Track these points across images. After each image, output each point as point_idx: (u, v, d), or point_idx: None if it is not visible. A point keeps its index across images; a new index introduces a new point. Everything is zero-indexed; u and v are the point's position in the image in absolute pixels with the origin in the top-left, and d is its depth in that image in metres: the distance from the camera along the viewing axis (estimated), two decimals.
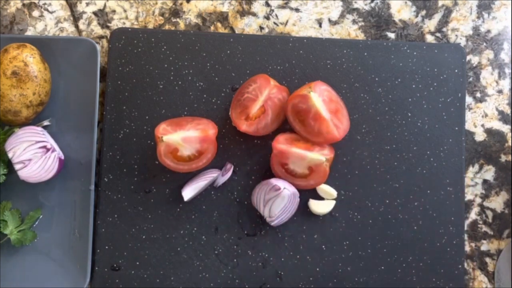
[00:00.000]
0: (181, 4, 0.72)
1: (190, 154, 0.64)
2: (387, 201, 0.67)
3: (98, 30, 0.71)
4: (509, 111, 0.71)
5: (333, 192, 0.66)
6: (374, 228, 0.66)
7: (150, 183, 0.67)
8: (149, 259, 0.66)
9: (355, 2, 0.72)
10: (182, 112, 0.68)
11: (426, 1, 0.72)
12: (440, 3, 0.72)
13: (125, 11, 0.72)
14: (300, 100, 0.63)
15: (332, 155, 0.64)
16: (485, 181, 0.70)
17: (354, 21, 0.72)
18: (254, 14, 0.72)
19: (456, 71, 0.69)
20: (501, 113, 0.71)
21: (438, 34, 0.72)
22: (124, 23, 0.71)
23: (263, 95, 0.64)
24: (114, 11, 0.72)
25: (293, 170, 0.64)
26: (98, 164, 0.67)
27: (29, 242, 0.65)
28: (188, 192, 0.65)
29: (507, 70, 0.71)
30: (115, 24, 0.71)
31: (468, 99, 0.71)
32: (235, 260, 0.66)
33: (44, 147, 0.63)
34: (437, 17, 0.72)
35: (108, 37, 0.71)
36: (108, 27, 0.71)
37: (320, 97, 0.62)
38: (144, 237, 0.66)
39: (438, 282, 0.66)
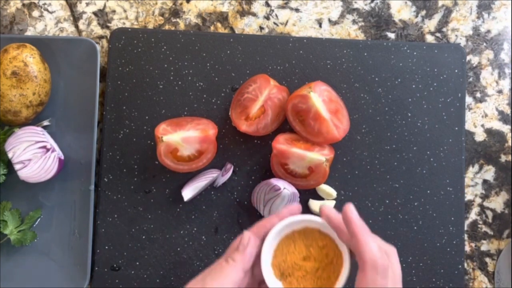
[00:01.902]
0: (181, 4, 0.72)
1: (190, 154, 0.64)
2: (387, 201, 0.67)
3: (98, 30, 0.71)
4: (509, 111, 0.71)
5: (333, 192, 0.66)
6: (374, 228, 0.66)
7: (150, 183, 0.67)
8: (149, 259, 0.66)
9: (355, 2, 0.72)
10: (182, 112, 0.68)
11: (426, 1, 0.72)
12: (440, 3, 0.72)
13: (125, 11, 0.72)
14: (300, 100, 0.63)
15: (332, 155, 0.63)
16: (485, 181, 0.70)
17: (354, 21, 0.72)
18: (254, 14, 0.72)
19: (456, 71, 0.69)
20: (501, 113, 0.71)
21: (438, 34, 0.72)
22: (124, 23, 0.71)
23: (263, 95, 0.64)
24: (114, 11, 0.72)
25: (293, 170, 0.64)
26: (98, 164, 0.67)
27: (29, 242, 0.65)
28: (188, 192, 0.65)
29: (507, 70, 0.71)
30: (115, 24, 0.71)
31: (468, 99, 0.71)
32: None
33: (44, 147, 0.63)
34: (437, 17, 0.72)
35: (108, 37, 0.71)
36: (108, 27, 0.71)
37: (320, 97, 0.62)
38: (144, 237, 0.66)
39: (438, 282, 0.66)
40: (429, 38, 0.72)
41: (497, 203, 0.70)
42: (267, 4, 0.72)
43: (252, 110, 0.65)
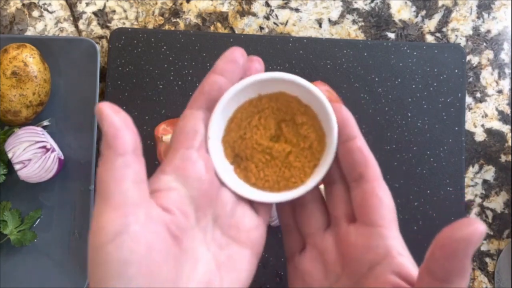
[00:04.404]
0: (181, 4, 0.72)
1: None
2: None
3: (98, 30, 0.71)
4: (509, 111, 0.71)
5: None
6: None
7: None
8: None
9: (355, 2, 0.72)
10: (182, 112, 0.68)
11: (426, 1, 0.72)
12: (440, 3, 0.72)
13: (125, 11, 0.72)
14: None
15: None
16: (485, 181, 0.70)
17: (354, 21, 0.72)
18: (254, 14, 0.72)
19: (456, 71, 0.69)
20: (501, 113, 0.71)
21: (438, 34, 0.72)
22: (124, 23, 0.71)
23: None
24: (114, 11, 0.72)
25: None
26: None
27: (29, 242, 0.65)
28: None
29: (507, 70, 0.71)
30: (115, 24, 0.71)
31: (468, 99, 0.71)
32: None
33: (44, 147, 0.63)
34: (437, 17, 0.72)
35: (108, 37, 0.71)
36: (108, 27, 0.71)
37: None
38: None
39: None
40: (429, 38, 0.72)
41: (497, 203, 0.70)
42: (267, 4, 0.72)
43: None
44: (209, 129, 0.34)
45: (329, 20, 0.72)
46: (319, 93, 0.34)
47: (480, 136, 0.71)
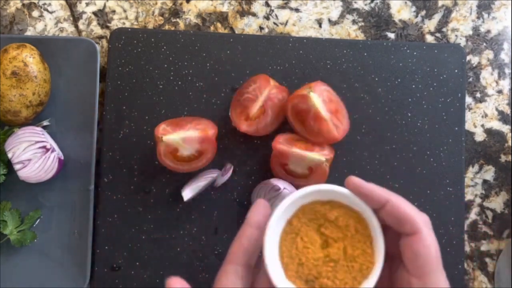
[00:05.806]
0: (181, 4, 0.72)
1: (190, 154, 0.64)
2: None
3: (98, 30, 0.71)
4: (509, 111, 0.71)
5: None
6: None
7: (150, 183, 0.67)
8: (149, 259, 0.66)
9: (355, 2, 0.72)
10: (182, 112, 0.68)
11: (426, 1, 0.72)
12: (440, 3, 0.72)
13: (125, 11, 0.72)
14: (300, 100, 0.63)
15: (332, 155, 0.63)
16: (485, 181, 0.70)
17: (354, 21, 0.72)
18: (254, 14, 0.72)
19: (456, 71, 0.69)
20: (501, 113, 0.71)
21: (438, 34, 0.72)
22: (124, 23, 0.71)
23: (263, 95, 0.64)
24: (114, 11, 0.72)
25: (293, 171, 0.64)
26: (98, 164, 0.67)
27: (29, 242, 0.65)
28: (188, 192, 0.65)
29: (507, 70, 0.71)
30: (115, 24, 0.71)
31: (468, 99, 0.71)
32: None
33: (44, 147, 0.63)
34: (437, 17, 0.72)
35: (108, 37, 0.71)
36: (108, 27, 0.71)
37: (320, 97, 0.62)
38: (144, 237, 0.66)
39: None
40: (429, 38, 0.72)
41: (497, 203, 0.70)
42: (267, 4, 0.72)
43: (252, 110, 0.65)
44: (273, 280, 0.37)
45: (329, 20, 0.72)
46: (327, 186, 0.39)
47: (480, 136, 0.71)
